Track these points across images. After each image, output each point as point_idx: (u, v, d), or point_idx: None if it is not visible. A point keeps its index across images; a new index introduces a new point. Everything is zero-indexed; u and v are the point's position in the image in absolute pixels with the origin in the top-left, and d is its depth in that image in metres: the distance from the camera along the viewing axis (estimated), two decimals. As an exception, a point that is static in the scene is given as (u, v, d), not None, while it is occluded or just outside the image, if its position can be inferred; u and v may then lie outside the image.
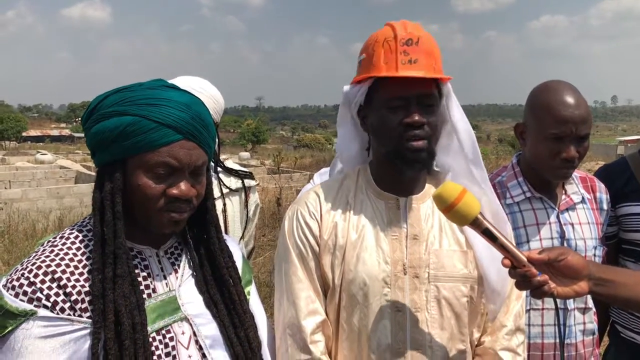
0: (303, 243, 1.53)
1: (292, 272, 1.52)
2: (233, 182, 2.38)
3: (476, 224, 1.32)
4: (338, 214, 1.55)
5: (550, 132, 1.81)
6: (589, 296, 1.95)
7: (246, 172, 2.46)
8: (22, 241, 8.63)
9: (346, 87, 1.61)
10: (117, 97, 1.25)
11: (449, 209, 1.32)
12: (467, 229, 1.53)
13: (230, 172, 2.39)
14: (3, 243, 7.64)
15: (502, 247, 1.30)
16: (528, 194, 1.95)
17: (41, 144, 48.93)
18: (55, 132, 68.25)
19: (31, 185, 15.29)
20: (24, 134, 54.92)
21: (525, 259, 1.29)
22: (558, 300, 1.85)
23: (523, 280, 1.30)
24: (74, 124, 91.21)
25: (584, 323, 1.93)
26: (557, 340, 1.87)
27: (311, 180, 2.30)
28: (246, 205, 2.45)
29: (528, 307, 1.87)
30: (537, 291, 1.30)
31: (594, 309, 1.97)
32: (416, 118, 1.44)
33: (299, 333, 1.48)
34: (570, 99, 1.81)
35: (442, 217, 1.55)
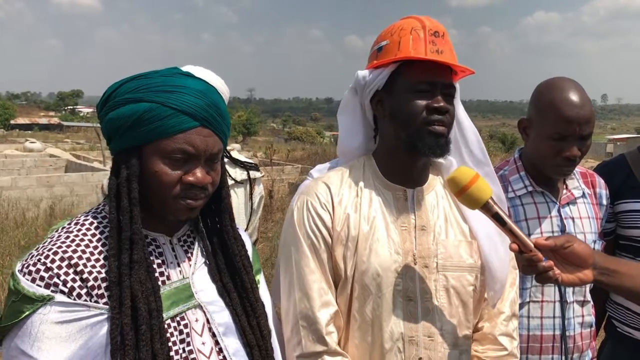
0: (315, 234, 1.54)
1: (304, 264, 1.53)
2: (238, 174, 2.38)
3: (487, 207, 1.37)
4: (349, 205, 1.57)
5: (554, 131, 1.84)
6: (587, 289, 1.99)
7: (252, 163, 2.47)
8: (12, 229, 8.58)
9: (362, 72, 1.62)
10: (133, 84, 1.26)
11: (462, 192, 1.38)
12: (471, 220, 1.59)
13: (236, 163, 2.40)
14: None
15: (510, 232, 1.35)
16: (530, 188, 1.98)
17: (29, 132, 48.47)
18: (44, 121, 67.54)
19: (20, 173, 15.16)
20: (12, 121, 54.37)
21: (532, 245, 1.33)
22: (556, 293, 1.91)
23: (529, 265, 1.35)
24: (63, 112, 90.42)
25: (583, 316, 1.97)
26: (557, 332, 1.91)
27: (309, 177, 2.30)
28: (251, 197, 2.46)
29: (527, 300, 1.91)
30: (542, 276, 1.35)
31: (592, 302, 2.01)
32: (442, 104, 1.48)
33: (313, 324, 1.49)
34: (575, 98, 1.83)
35: (447, 208, 1.60)
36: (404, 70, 1.52)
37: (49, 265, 1.16)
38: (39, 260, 1.17)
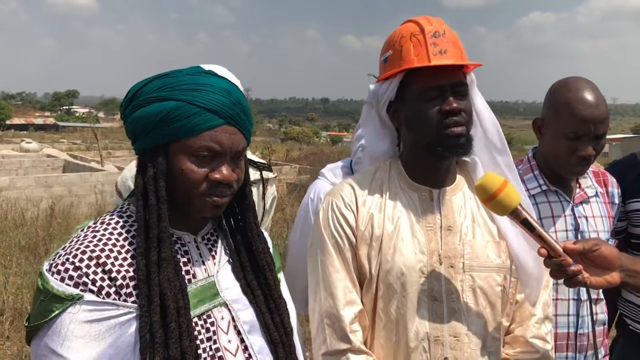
0: (339, 234, 1.56)
1: (328, 263, 1.54)
2: (251, 174, 2.38)
3: (515, 214, 1.37)
4: (373, 205, 1.58)
5: (569, 131, 1.86)
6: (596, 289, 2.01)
7: (265, 163, 2.47)
8: (11, 230, 8.55)
9: (373, 86, 1.64)
10: (158, 83, 1.26)
11: (490, 199, 1.37)
12: (499, 221, 1.59)
13: (249, 163, 2.39)
14: (-7, 231, 7.57)
15: (539, 237, 1.35)
16: (544, 187, 1.99)
17: (25, 132, 48.29)
18: (39, 121, 67.32)
19: (18, 173, 15.13)
20: (7, 122, 54.15)
21: (560, 249, 1.33)
22: (571, 290, 1.92)
23: (558, 269, 1.35)
24: (59, 112, 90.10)
25: (596, 314, 1.98)
26: (571, 330, 1.92)
27: (320, 177, 2.30)
28: (264, 197, 2.46)
29: (554, 297, 1.92)
30: (571, 280, 1.35)
31: (604, 300, 2.03)
32: (454, 105, 1.48)
33: (337, 323, 1.50)
34: (590, 98, 1.84)
35: (474, 208, 1.60)
36: (411, 78, 1.53)
37: (77, 264, 1.17)
38: (67, 259, 1.18)
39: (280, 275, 1.56)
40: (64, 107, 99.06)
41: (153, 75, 1.31)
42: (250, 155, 2.47)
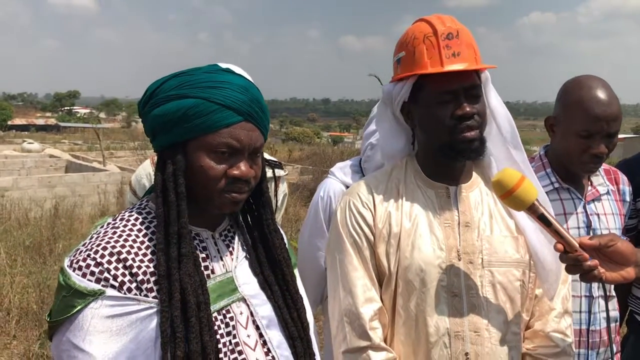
0: (357, 232, 1.57)
1: (347, 262, 1.55)
2: None
3: (532, 209, 1.38)
4: (390, 203, 1.59)
5: (582, 129, 1.87)
6: (612, 285, 2.01)
7: (276, 162, 2.48)
8: (15, 229, 8.57)
9: (387, 87, 1.64)
10: (176, 81, 1.27)
11: (508, 194, 1.38)
12: (517, 216, 1.59)
13: None
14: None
15: (555, 232, 1.36)
16: (556, 185, 2.00)
17: (26, 132, 48.35)
18: (40, 121, 67.40)
19: (21, 173, 15.13)
20: (9, 122, 54.20)
21: (577, 244, 1.34)
22: (583, 287, 1.93)
23: (574, 265, 1.36)
24: (60, 113, 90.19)
25: (608, 310, 1.98)
26: (583, 327, 1.93)
27: (330, 175, 2.31)
28: (275, 195, 2.47)
29: None
30: (587, 275, 1.36)
31: (616, 297, 2.04)
32: (467, 110, 1.48)
33: (357, 320, 1.51)
34: (603, 96, 1.85)
35: (492, 204, 1.61)
36: (424, 82, 1.53)
37: (98, 260, 1.17)
38: (88, 255, 1.18)
39: (295, 271, 1.57)
40: (65, 108, 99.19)
41: (170, 73, 1.32)
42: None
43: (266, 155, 2.52)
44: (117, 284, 1.17)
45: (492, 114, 1.62)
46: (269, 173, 2.42)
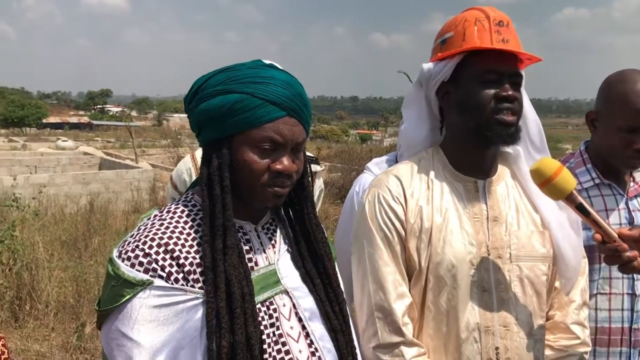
0: (388, 227, 1.56)
1: (377, 257, 1.55)
2: None
3: (570, 198, 1.38)
4: (421, 197, 1.59)
5: (625, 123, 1.84)
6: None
7: (312, 157, 2.50)
8: (51, 225, 8.77)
9: (427, 65, 1.63)
10: (222, 76, 1.30)
11: (546, 183, 1.39)
12: (543, 210, 1.60)
13: None
14: (35, 227, 7.77)
15: (594, 222, 1.36)
16: (597, 181, 1.97)
17: (60, 130, 49.36)
18: (74, 120, 68.76)
19: (56, 171, 15.50)
20: (43, 120, 55.39)
21: (616, 235, 1.34)
22: (625, 285, 1.90)
23: (613, 255, 1.35)
24: (93, 111, 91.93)
25: None
26: (625, 325, 1.89)
27: (366, 170, 2.32)
28: (312, 190, 2.50)
29: (595, 292, 1.90)
30: (626, 266, 1.37)
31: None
32: (510, 92, 1.49)
33: (390, 316, 1.51)
34: None
35: (518, 198, 1.62)
36: (470, 61, 1.53)
37: (147, 251, 1.21)
38: (137, 246, 1.21)
39: (335, 264, 1.58)
40: (98, 106, 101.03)
41: (216, 69, 1.35)
42: None
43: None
44: (164, 275, 1.20)
45: (523, 115, 1.62)
46: (306, 168, 2.45)
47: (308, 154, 2.54)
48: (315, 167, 2.49)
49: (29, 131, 46.09)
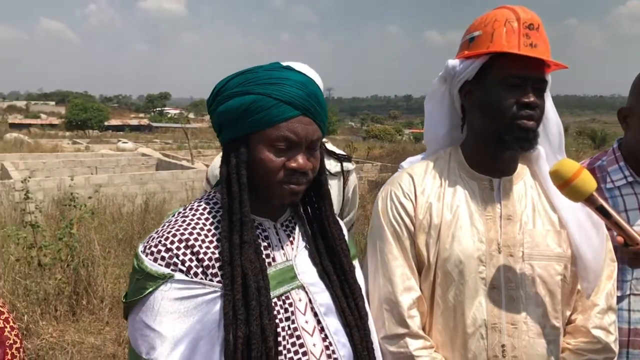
0: (398, 222, 1.60)
1: (387, 250, 1.59)
2: (332, 166, 2.44)
3: (591, 200, 1.36)
4: (432, 194, 1.61)
5: None
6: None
7: (345, 155, 2.53)
8: (109, 223, 9.13)
9: (452, 61, 1.63)
10: (240, 78, 1.35)
11: (566, 184, 1.38)
12: (561, 210, 1.58)
13: (330, 154, 2.46)
14: (92, 225, 8.11)
15: (615, 224, 1.33)
16: (630, 179, 1.92)
17: (121, 132, 51.18)
18: (134, 122, 71.10)
19: (115, 171, 16.10)
20: (105, 123, 57.53)
21: (638, 237, 1.31)
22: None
23: (636, 257, 1.32)
24: (152, 113, 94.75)
25: None
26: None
27: (400, 169, 2.34)
28: (344, 188, 2.52)
29: (628, 292, 1.86)
30: None
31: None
32: (532, 99, 1.48)
33: (396, 308, 1.55)
34: None
35: (535, 197, 1.60)
36: (495, 63, 1.52)
37: (168, 246, 1.27)
38: (159, 242, 1.29)
39: (355, 262, 1.61)
40: (157, 109, 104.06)
41: (235, 72, 1.41)
42: (331, 147, 2.54)
43: (336, 149, 2.57)
44: (184, 269, 1.26)
45: (545, 117, 1.61)
46: (337, 167, 2.48)
47: (341, 152, 2.58)
48: (347, 166, 2.52)
49: (92, 133, 47.97)
